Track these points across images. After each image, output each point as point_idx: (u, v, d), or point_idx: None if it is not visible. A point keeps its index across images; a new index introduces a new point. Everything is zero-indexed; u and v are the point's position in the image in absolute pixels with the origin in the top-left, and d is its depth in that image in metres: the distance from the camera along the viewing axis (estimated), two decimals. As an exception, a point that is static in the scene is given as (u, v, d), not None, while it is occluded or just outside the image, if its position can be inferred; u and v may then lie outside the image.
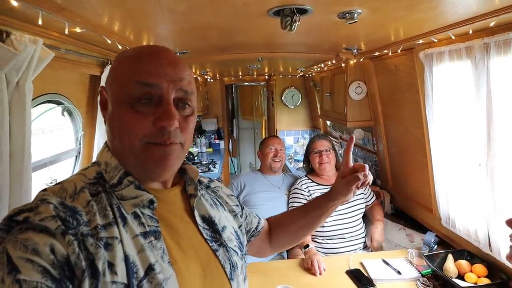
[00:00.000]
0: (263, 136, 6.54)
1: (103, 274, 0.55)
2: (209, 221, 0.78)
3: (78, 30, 1.16)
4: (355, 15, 1.23)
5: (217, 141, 5.23)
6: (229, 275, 0.73)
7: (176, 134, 0.65)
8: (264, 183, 2.37)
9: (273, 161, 2.36)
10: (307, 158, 2.34)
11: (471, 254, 1.60)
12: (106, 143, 0.73)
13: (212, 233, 0.76)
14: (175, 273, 0.62)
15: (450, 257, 1.57)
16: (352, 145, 0.94)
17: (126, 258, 0.58)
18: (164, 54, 0.68)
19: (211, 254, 0.73)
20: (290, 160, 4.27)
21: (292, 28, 1.23)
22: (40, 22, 0.94)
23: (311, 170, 2.32)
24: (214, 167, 4.04)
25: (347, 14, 1.24)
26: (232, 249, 0.78)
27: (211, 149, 5.11)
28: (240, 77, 4.76)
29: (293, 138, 4.76)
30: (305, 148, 4.47)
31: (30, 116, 1.06)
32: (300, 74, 4.33)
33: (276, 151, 2.38)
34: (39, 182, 1.43)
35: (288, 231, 1.03)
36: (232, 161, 6.52)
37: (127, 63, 0.67)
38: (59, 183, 0.65)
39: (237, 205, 0.94)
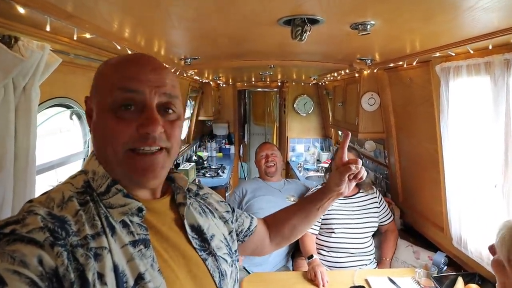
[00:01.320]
0: (274, 143, 6.51)
1: (93, 285, 0.54)
2: (198, 230, 0.77)
3: (87, 36, 1.16)
4: (368, 26, 1.19)
5: (227, 146, 5.23)
6: (218, 284, 0.73)
7: (161, 139, 0.65)
8: (265, 187, 2.39)
9: (267, 166, 2.41)
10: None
11: (483, 278, 1.52)
12: (93, 151, 0.72)
13: (201, 242, 0.76)
14: (164, 282, 0.61)
15: (460, 280, 1.50)
16: (348, 141, 0.96)
17: (116, 268, 0.57)
18: (147, 61, 0.67)
19: (200, 263, 0.73)
20: (300, 168, 4.22)
21: (303, 38, 1.20)
22: (48, 29, 0.94)
23: None
24: (223, 172, 4.03)
25: (359, 26, 1.20)
26: (221, 257, 0.78)
27: (221, 154, 5.11)
28: (253, 82, 4.75)
29: (303, 146, 4.71)
30: (315, 157, 4.47)
31: (35, 120, 1.06)
32: (313, 82, 4.29)
33: (267, 156, 2.42)
34: (46, 184, 1.43)
35: (287, 225, 1.04)
36: (242, 166, 6.50)
37: (110, 71, 0.66)
38: (45, 193, 0.64)
39: (228, 211, 0.93)
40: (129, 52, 1.45)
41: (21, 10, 0.80)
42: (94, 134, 0.68)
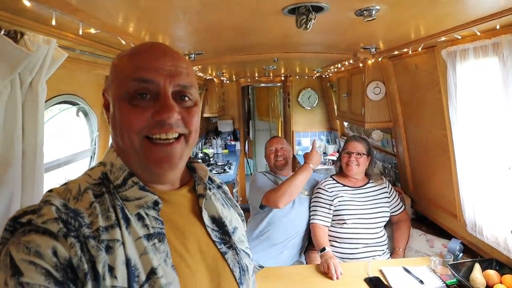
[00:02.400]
0: (280, 138, 6.48)
1: (103, 277, 0.54)
2: (219, 222, 0.75)
3: (92, 31, 1.16)
4: (373, 11, 1.18)
5: (233, 143, 5.23)
6: (238, 279, 0.70)
7: (178, 125, 0.64)
8: (277, 181, 2.35)
9: (276, 160, 2.38)
10: (340, 156, 2.31)
11: (500, 263, 1.50)
12: (112, 143, 0.72)
13: (221, 235, 0.74)
14: (178, 277, 0.60)
15: (477, 267, 1.48)
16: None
17: (128, 262, 0.57)
18: (160, 49, 0.67)
19: (219, 257, 0.71)
20: (307, 162, 4.20)
21: (308, 27, 1.19)
22: (53, 23, 0.94)
23: (340, 169, 2.28)
24: (230, 168, 4.03)
25: (364, 11, 1.19)
26: (243, 251, 0.76)
27: (226, 151, 5.11)
28: (257, 78, 4.74)
29: (309, 139, 4.69)
30: (321, 150, 4.45)
31: (43, 116, 1.06)
32: (317, 75, 4.27)
33: (276, 150, 2.39)
34: (53, 182, 1.44)
35: None
36: (248, 163, 6.50)
37: (124, 62, 0.66)
38: (65, 183, 0.64)
39: (241, 214, 0.91)
40: (134, 47, 1.45)
41: (26, 3, 0.80)
42: (112, 125, 0.67)
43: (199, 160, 0.81)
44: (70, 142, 1.67)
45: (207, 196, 0.75)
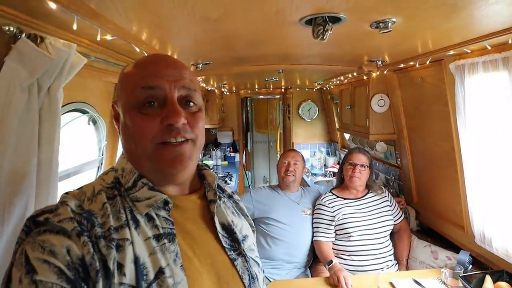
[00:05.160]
0: (278, 150, 6.49)
1: (113, 275, 0.55)
2: (228, 229, 0.76)
3: (108, 37, 1.15)
4: (389, 24, 1.19)
5: (232, 154, 5.20)
6: (247, 286, 0.70)
7: (185, 130, 0.67)
8: (282, 199, 2.28)
9: (286, 175, 2.27)
10: (341, 168, 2.29)
11: (511, 275, 1.50)
12: (123, 152, 0.75)
13: (231, 242, 0.74)
14: (186, 278, 0.61)
15: (488, 279, 1.47)
16: None
17: (136, 260, 0.58)
18: (163, 58, 0.72)
19: (228, 263, 0.71)
20: (307, 174, 4.20)
21: (324, 38, 1.20)
22: (75, 27, 0.92)
23: (341, 181, 2.26)
24: (231, 180, 4.00)
25: (381, 24, 1.20)
26: (253, 259, 0.76)
27: (226, 162, 5.08)
28: (256, 90, 4.76)
29: (309, 151, 4.70)
30: (322, 161, 4.46)
31: (59, 124, 1.04)
32: (317, 87, 4.30)
33: (288, 164, 2.29)
34: (62, 193, 1.41)
35: None
36: (246, 175, 6.47)
37: (131, 73, 0.70)
38: (80, 187, 0.68)
39: (252, 225, 0.91)
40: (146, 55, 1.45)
41: (52, 5, 0.80)
42: (123, 134, 0.70)
43: (208, 168, 0.83)
44: (77, 152, 1.64)
45: (218, 203, 0.76)
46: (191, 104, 0.70)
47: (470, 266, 1.66)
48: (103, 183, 0.67)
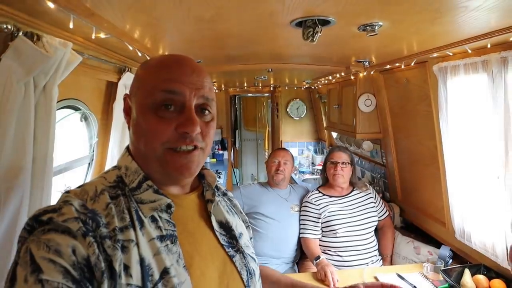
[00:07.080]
0: (266, 148, 6.53)
1: (119, 276, 0.55)
2: (226, 227, 0.78)
3: (102, 36, 1.17)
4: (376, 27, 1.24)
5: (220, 152, 5.22)
6: (245, 282, 0.73)
7: (197, 139, 0.67)
8: (271, 195, 2.35)
9: (276, 173, 2.35)
10: (324, 167, 2.35)
11: (488, 268, 1.58)
12: (127, 147, 0.74)
13: (228, 239, 0.76)
14: (189, 278, 0.62)
15: (467, 272, 1.55)
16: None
17: (142, 261, 0.59)
18: (188, 63, 0.70)
19: (227, 260, 0.73)
20: (295, 172, 4.25)
21: (314, 39, 1.24)
22: (71, 26, 0.94)
23: (326, 180, 2.33)
24: (219, 177, 4.01)
25: (368, 27, 1.25)
26: (250, 255, 0.78)
27: (214, 160, 5.10)
28: (245, 88, 4.78)
29: (297, 149, 4.76)
30: (309, 159, 4.52)
31: (55, 120, 1.05)
32: (306, 86, 4.35)
33: (279, 164, 2.36)
34: (54, 189, 1.41)
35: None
36: (234, 172, 6.49)
37: (153, 72, 0.69)
38: (81, 185, 0.66)
39: (246, 221, 0.94)
40: (139, 54, 1.46)
41: (50, 5, 0.81)
42: (134, 131, 0.70)
43: (208, 168, 0.85)
44: (67, 149, 1.63)
45: (215, 202, 0.78)
46: (206, 112, 0.70)
47: (451, 261, 1.74)
48: (105, 182, 0.67)
